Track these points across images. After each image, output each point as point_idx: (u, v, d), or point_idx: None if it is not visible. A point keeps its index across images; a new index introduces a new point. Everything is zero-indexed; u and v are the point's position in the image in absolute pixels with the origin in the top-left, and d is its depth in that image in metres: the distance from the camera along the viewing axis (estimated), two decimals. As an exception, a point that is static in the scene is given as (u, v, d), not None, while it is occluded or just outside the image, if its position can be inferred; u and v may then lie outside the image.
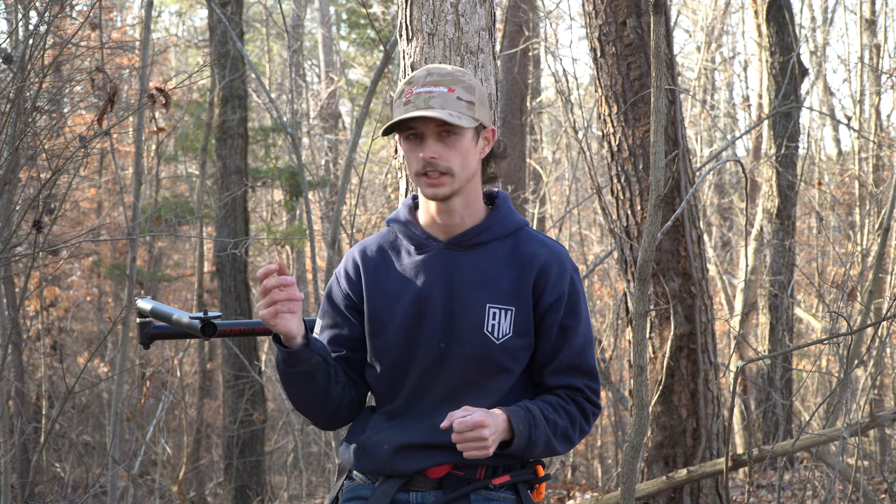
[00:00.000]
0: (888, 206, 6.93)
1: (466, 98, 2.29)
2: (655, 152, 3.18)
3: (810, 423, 8.12)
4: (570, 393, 2.35)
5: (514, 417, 2.24)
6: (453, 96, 2.27)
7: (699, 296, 5.67)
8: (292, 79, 9.64)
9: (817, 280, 8.35)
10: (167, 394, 9.22)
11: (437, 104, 2.25)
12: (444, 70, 2.31)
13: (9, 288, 6.80)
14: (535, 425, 2.26)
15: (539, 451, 2.29)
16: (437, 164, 2.27)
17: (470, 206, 2.35)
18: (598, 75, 5.86)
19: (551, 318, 2.32)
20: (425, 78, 2.30)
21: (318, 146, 15.55)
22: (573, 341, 2.34)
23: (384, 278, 2.37)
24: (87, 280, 14.15)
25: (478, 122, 2.31)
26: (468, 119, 2.27)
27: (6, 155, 4.30)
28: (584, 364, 2.36)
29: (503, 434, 2.23)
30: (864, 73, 10.77)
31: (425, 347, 2.31)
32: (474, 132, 2.31)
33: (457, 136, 2.28)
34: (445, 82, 2.28)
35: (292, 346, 2.24)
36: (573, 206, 10.77)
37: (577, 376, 2.35)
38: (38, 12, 5.05)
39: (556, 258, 2.35)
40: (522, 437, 2.24)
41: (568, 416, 2.32)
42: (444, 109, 2.25)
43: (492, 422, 2.19)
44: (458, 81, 2.30)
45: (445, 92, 2.27)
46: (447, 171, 2.27)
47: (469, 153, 2.30)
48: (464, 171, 2.29)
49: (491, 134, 2.36)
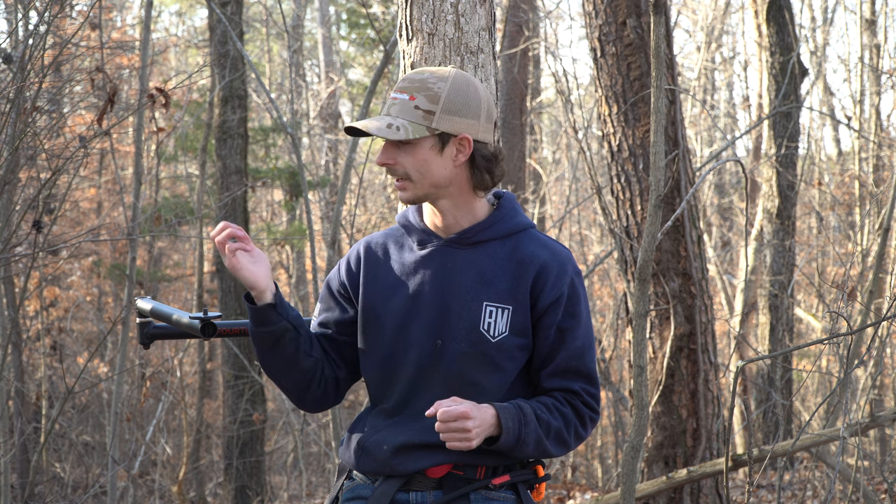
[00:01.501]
0: (888, 206, 6.93)
1: (425, 107, 2.28)
2: (655, 152, 3.18)
3: (810, 423, 8.12)
4: (566, 396, 2.33)
5: (503, 413, 2.23)
6: (411, 105, 2.29)
7: (699, 296, 5.67)
8: (292, 79, 9.64)
9: (817, 280, 8.35)
10: (167, 394, 9.22)
11: (395, 112, 2.29)
12: (420, 76, 2.32)
13: (9, 288, 6.80)
14: (526, 423, 2.25)
15: (530, 451, 2.28)
16: (395, 170, 2.31)
17: (461, 208, 2.35)
18: (598, 75, 5.86)
19: (549, 320, 2.32)
20: (400, 83, 2.33)
21: (318, 146, 15.55)
22: (571, 344, 2.33)
23: (384, 271, 2.38)
24: (87, 280, 14.15)
25: (434, 131, 2.28)
26: (418, 129, 2.27)
27: (6, 155, 4.30)
28: (582, 367, 2.34)
29: (490, 429, 2.22)
30: (864, 73, 10.77)
31: (420, 343, 2.31)
32: (436, 140, 2.29)
33: (410, 144, 2.29)
34: (412, 89, 2.30)
35: (260, 300, 2.30)
36: (573, 206, 10.77)
37: (574, 380, 2.33)
38: (38, 12, 5.05)
39: (557, 259, 2.34)
40: (511, 434, 2.23)
41: (562, 418, 2.31)
42: (396, 118, 2.28)
43: (477, 414, 2.18)
44: (425, 89, 2.29)
45: (406, 100, 2.29)
46: (404, 177, 2.31)
47: (427, 161, 2.30)
48: (424, 178, 2.30)
49: (466, 142, 2.31)
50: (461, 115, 2.30)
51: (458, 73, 2.33)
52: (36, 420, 9.56)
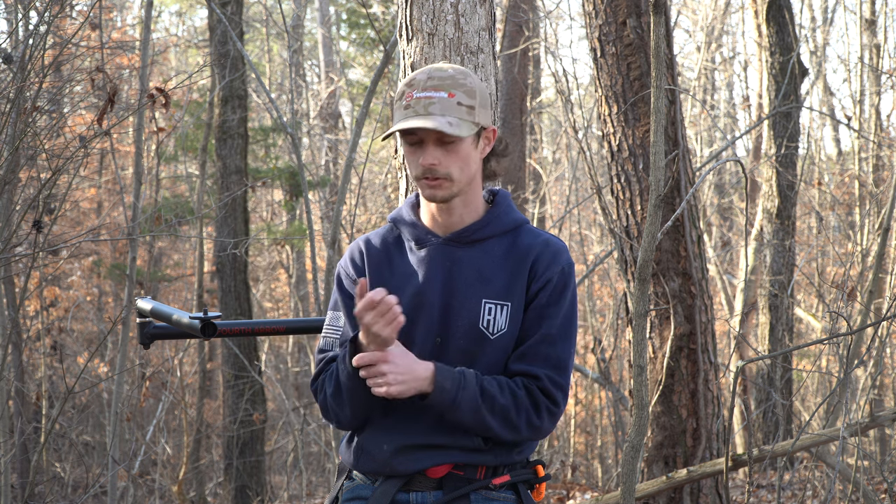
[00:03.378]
0: (888, 206, 6.93)
1: (467, 103, 2.27)
2: (655, 152, 3.18)
3: (810, 423, 8.12)
4: (525, 380, 2.29)
5: (440, 372, 2.21)
6: (453, 101, 2.26)
7: (699, 296, 5.67)
8: (292, 79, 9.64)
9: (817, 280, 8.35)
10: (167, 394, 9.22)
11: (437, 110, 2.24)
12: (445, 73, 2.30)
13: (9, 288, 6.80)
14: (464, 387, 2.22)
15: (466, 418, 2.23)
16: (437, 171, 2.27)
17: (469, 205, 2.36)
18: (598, 75, 5.86)
19: (532, 305, 2.31)
20: (426, 82, 2.28)
21: (318, 146, 15.55)
22: (547, 329, 2.30)
23: (386, 273, 2.38)
24: (87, 280, 14.15)
25: (478, 127, 2.30)
26: (468, 126, 2.27)
27: (6, 155, 4.30)
28: (552, 354, 2.29)
29: (421, 382, 2.20)
30: (864, 73, 10.77)
31: (422, 342, 2.31)
32: (475, 135, 2.31)
33: (455, 142, 2.28)
34: (446, 86, 2.27)
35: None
36: (573, 206, 10.77)
37: (539, 365, 2.29)
38: (38, 12, 5.05)
39: (550, 249, 2.35)
40: (445, 393, 2.20)
41: (513, 398, 2.26)
42: (444, 116, 2.24)
43: (402, 362, 2.19)
44: (459, 85, 2.28)
45: (445, 97, 2.26)
46: (446, 177, 2.28)
47: (468, 158, 2.30)
48: (463, 175, 2.30)
49: (492, 134, 2.36)
50: (488, 107, 2.33)
51: (463, 67, 2.37)
52: (36, 420, 9.56)
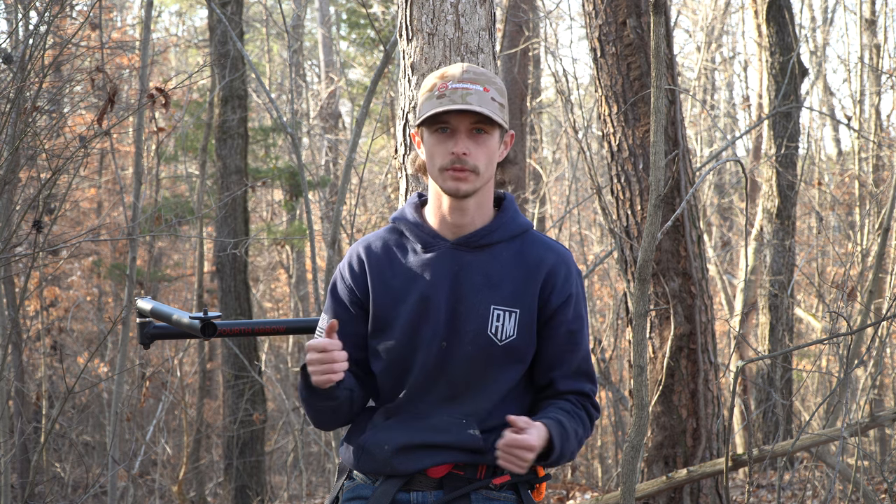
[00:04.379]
0: (888, 206, 6.93)
1: (499, 100, 2.30)
2: (655, 152, 3.18)
3: (810, 423, 8.12)
4: (580, 399, 2.38)
5: (554, 433, 2.25)
6: (488, 96, 2.28)
7: (699, 296, 5.67)
8: (292, 79, 9.64)
9: (817, 280, 8.35)
10: (167, 394, 9.22)
11: (475, 101, 2.25)
12: (479, 69, 2.33)
13: (9, 288, 6.80)
14: (567, 439, 2.29)
15: (564, 461, 2.32)
16: (466, 161, 2.27)
17: (482, 208, 2.35)
18: (598, 75, 5.86)
19: (558, 321, 2.33)
20: (462, 74, 2.30)
21: (318, 146, 15.55)
22: (580, 345, 2.37)
23: (390, 276, 2.36)
24: (87, 280, 14.15)
25: (506, 125, 2.33)
26: (501, 120, 2.29)
27: (6, 155, 4.30)
28: (589, 369, 2.39)
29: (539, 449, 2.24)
30: (864, 73, 10.77)
31: (427, 346, 2.31)
32: (500, 135, 2.33)
33: (488, 135, 2.29)
34: (481, 81, 2.29)
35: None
36: (573, 206, 10.77)
37: (585, 381, 2.38)
38: (38, 12, 5.05)
39: (563, 261, 2.37)
40: (557, 453, 2.26)
41: (581, 423, 2.35)
42: (482, 107, 2.26)
43: (538, 444, 2.20)
44: (492, 83, 2.31)
45: (481, 91, 2.27)
46: (473, 169, 2.28)
47: (494, 154, 2.32)
48: (487, 171, 2.31)
49: (510, 138, 2.38)
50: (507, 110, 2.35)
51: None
52: (36, 420, 9.56)
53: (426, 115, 2.26)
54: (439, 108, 2.24)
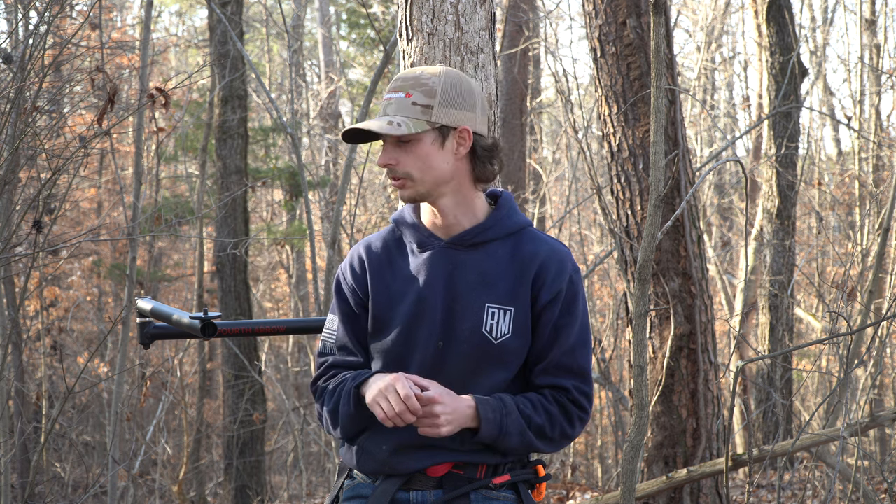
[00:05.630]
0: (888, 206, 6.93)
1: (423, 102, 2.28)
2: (655, 152, 3.18)
3: (810, 423, 8.12)
4: (554, 393, 2.33)
5: (482, 404, 2.23)
6: (408, 101, 2.28)
7: (699, 296, 5.67)
8: (292, 79, 9.64)
9: (817, 280, 8.35)
10: (167, 394, 9.22)
11: (392, 111, 2.28)
12: (413, 74, 2.32)
13: (9, 288, 6.80)
14: (507, 414, 2.25)
15: (514, 443, 2.27)
16: (395, 171, 2.30)
17: (461, 206, 2.34)
18: (598, 75, 5.86)
19: (547, 317, 2.32)
20: (394, 83, 2.33)
21: (318, 146, 15.55)
22: (565, 341, 2.33)
23: (389, 277, 2.37)
24: (87, 280, 14.16)
25: (433, 126, 2.29)
26: (417, 124, 2.27)
27: (6, 155, 4.30)
28: (574, 365, 2.33)
29: (467, 420, 2.23)
30: (864, 73, 10.77)
31: (423, 346, 2.31)
32: (437, 134, 2.29)
33: (411, 141, 2.29)
34: (406, 87, 2.29)
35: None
36: (573, 206, 10.77)
37: (565, 376, 2.33)
38: (38, 12, 5.05)
39: (556, 256, 2.35)
40: (492, 424, 2.23)
41: (546, 415, 2.30)
42: (395, 116, 2.27)
43: (449, 401, 2.19)
44: (420, 85, 2.29)
45: (402, 98, 2.28)
46: (405, 176, 2.30)
47: (430, 157, 2.29)
48: (426, 175, 2.30)
49: (466, 134, 2.32)
50: (458, 106, 2.31)
51: (449, 69, 2.36)
52: (36, 420, 9.56)
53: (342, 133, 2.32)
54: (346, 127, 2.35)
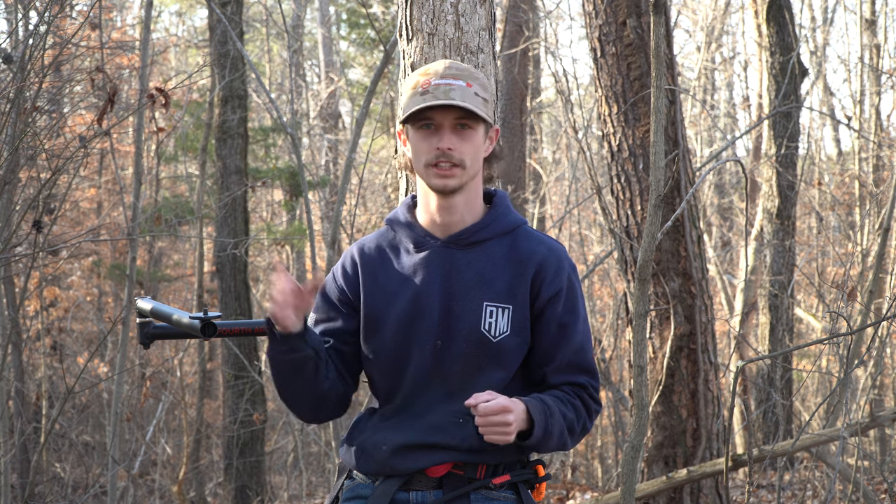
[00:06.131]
0: (888, 206, 6.93)
1: (482, 95, 2.31)
2: (655, 152, 3.19)
3: (810, 423, 8.12)
4: (574, 389, 2.35)
5: (531, 406, 2.23)
6: (471, 91, 2.29)
7: (699, 296, 5.67)
8: (292, 79, 9.64)
9: (817, 280, 8.35)
10: (167, 394, 9.22)
11: (458, 96, 2.26)
12: (462, 65, 2.34)
13: (9, 288, 6.80)
14: (551, 415, 2.26)
15: (553, 444, 2.28)
16: (452, 156, 2.28)
17: (470, 204, 2.36)
18: (598, 75, 5.86)
19: (549, 315, 2.32)
20: (444, 70, 2.31)
21: (318, 146, 15.55)
22: (572, 339, 2.34)
23: (383, 277, 2.37)
24: (87, 280, 14.15)
25: (491, 119, 2.34)
26: (485, 115, 2.30)
27: (6, 155, 4.30)
28: (584, 362, 2.36)
29: (522, 423, 2.22)
30: (864, 73, 10.77)
31: (422, 345, 2.31)
32: (485, 129, 2.34)
33: (472, 130, 2.30)
34: (464, 76, 2.30)
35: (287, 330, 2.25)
36: (573, 206, 10.77)
37: (579, 374, 2.35)
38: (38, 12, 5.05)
39: (554, 254, 2.36)
40: (541, 427, 2.23)
41: (574, 410, 2.32)
42: (465, 102, 2.27)
43: (514, 408, 2.19)
44: (475, 78, 2.32)
45: (464, 86, 2.29)
46: (459, 164, 2.29)
47: (479, 149, 2.33)
48: (473, 166, 2.32)
49: (495, 133, 2.39)
50: (493, 106, 2.37)
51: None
52: (36, 420, 9.56)
53: (409, 112, 2.28)
54: (422, 105, 2.26)
